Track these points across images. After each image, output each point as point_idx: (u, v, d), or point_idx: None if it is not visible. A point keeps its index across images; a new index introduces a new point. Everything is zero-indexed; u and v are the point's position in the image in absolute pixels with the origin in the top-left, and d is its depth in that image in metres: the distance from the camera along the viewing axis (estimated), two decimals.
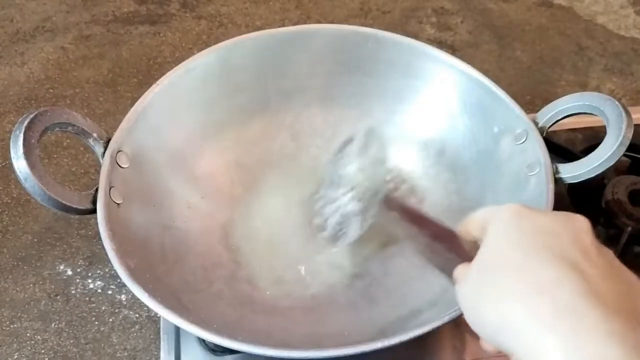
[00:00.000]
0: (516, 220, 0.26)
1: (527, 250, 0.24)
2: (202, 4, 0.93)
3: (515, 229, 0.26)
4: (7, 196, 0.66)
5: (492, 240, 0.26)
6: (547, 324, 0.22)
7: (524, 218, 0.26)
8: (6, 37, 0.87)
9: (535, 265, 0.24)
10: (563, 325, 0.21)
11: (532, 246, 0.25)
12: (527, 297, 0.23)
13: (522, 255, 0.24)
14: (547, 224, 0.25)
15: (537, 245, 0.25)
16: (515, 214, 0.26)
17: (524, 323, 0.22)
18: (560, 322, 0.22)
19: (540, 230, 0.25)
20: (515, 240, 0.25)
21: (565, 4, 0.94)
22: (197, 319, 0.34)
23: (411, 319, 0.40)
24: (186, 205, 0.48)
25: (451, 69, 0.50)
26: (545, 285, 0.23)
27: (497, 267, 0.25)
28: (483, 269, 0.26)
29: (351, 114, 0.55)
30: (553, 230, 0.25)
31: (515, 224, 0.26)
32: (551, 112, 0.45)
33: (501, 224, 0.26)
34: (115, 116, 0.75)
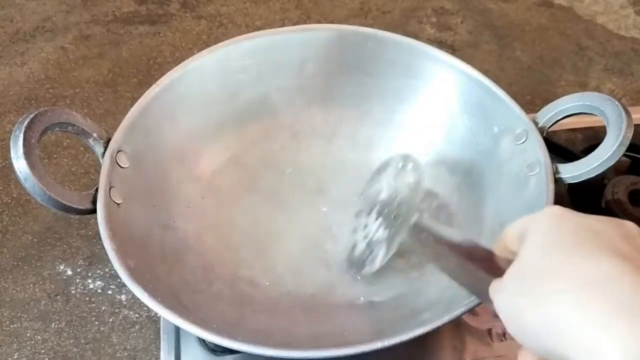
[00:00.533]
0: (557, 221, 0.24)
1: (571, 248, 0.23)
2: (202, 4, 0.93)
3: (556, 229, 0.24)
4: (7, 196, 0.66)
5: (530, 245, 0.24)
6: (602, 321, 0.20)
7: (566, 219, 0.24)
8: (6, 37, 0.87)
9: (581, 261, 0.22)
10: (621, 321, 0.19)
11: (576, 244, 0.23)
12: (574, 295, 0.21)
13: (564, 254, 0.23)
14: (593, 224, 0.24)
15: (581, 243, 0.23)
16: (556, 216, 0.25)
17: (574, 323, 0.20)
18: (618, 319, 0.20)
19: (585, 229, 0.23)
20: (557, 240, 0.23)
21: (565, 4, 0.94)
22: (197, 319, 0.34)
23: (411, 319, 0.40)
24: (186, 205, 0.48)
25: (451, 69, 0.50)
26: (595, 280, 0.21)
27: (537, 269, 0.23)
28: (521, 274, 0.24)
29: (351, 114, 0.55)
30: (599, 229, 0.23)
31: (556, 224, 0.24)
32: (551, 112, 0.45)
33: (540, 227, 0.25)
34: (115, 116, 0.75)
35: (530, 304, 0.23)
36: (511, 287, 0.24)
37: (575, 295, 0.21)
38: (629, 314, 0.20)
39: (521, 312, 0.23)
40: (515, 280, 0.24)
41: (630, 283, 0.20)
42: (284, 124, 0.55)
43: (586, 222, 0.24)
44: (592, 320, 0.20)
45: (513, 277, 0.25)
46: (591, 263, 0.21)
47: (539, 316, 0.22)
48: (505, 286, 0.25)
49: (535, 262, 0.24)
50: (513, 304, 0.24)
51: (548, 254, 0.23)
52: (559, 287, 0.22)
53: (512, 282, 0.24)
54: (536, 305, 0.22)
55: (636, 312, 0.20)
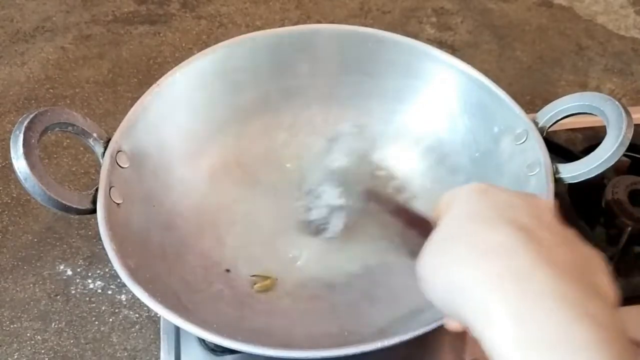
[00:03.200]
0: (477, 195, 0.26)
1: (482, 219, 0.24)
2: (202, 4, 0.93)
3: (475, 202, 0.26)
4: (7, 196, 0.66)
5: (450, 214, 0.26)
6: (493, 284, 0.22)
7: (486, 194, 0.26)
8: (6, 37, 0.87)
9: (485, 230, 0.24)
10: (510, 286, 0.21)
11: (487, 215, 0.25)
12: (473, 260, 0.23)
13: (475, 224, 0.25)
14: (509, 199, 0.26)
15: (491, 215, 0.24)
16: (478, 190, 0.27)
17: (470, 285, 0.22)
18: (508, 283, 0.21)
19: (499, 203, 0.25)
20: (473, 211, 0.25)
21: (565, 4, 0.94)
22: (197, 319, 0.34)
23: (411, 319, 0.40)
24: (186, 206, 0.48)
25: (451, 69, 0.50)
26: (494, 247, 0.23)
27: (449, 236, 0.25)
28: (438, 240, 0.26)
29: (351, 114, 0.55)
30: (513, 203, 0.25)
31: (475, 198, 0.26)
32: (551, 112, 0.45)
33: (462, 199, 0.27)
34: (115, 116, 0.75)
35: (439, 266, 0.25)
36: (428, 250, 0.27)
37: (475, 260, 0.23)
38: (515, 278, 0.21)
39: (432, 273, 0.25)
40: (432, 244, 0.26)
41: (521, 251, 0.22)
42: (284, 124, 0.55)
43: (503, 196, 0.26)
44: (483, 282, 0.22)
45: (431, 241, 0.27)
46: (492, 232, 0.23)
47: (444, 277, 0.24)
48: (423, 251, 0.27)
49: (449, 230, 0.26)
50: (427, 266, 0.26)
51: (460, 223, 0.25)
52: (462, 252, 0.24)
53: (429, 246, 0.27)
54: (443, 268, 0.24)
55: (521, 277, 0.21)
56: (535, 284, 0.21)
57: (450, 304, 0.24)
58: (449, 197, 0.29)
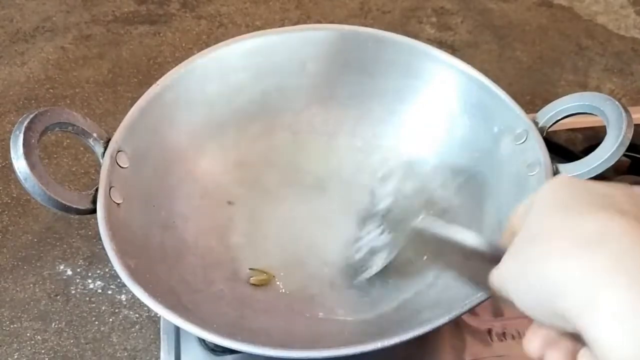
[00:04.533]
0: (560, 186, 0.24)
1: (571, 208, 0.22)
2: (202, 4, 0.93)
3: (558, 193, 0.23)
4: (7, 196, 0.66)
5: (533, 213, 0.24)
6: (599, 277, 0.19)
7: (572, 184, 0.24)
8: (6, 37, 0.87)
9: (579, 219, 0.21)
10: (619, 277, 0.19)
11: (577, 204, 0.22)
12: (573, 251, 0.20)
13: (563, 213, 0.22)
14: (597, 188, 0.23)
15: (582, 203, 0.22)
16: (563, 182, 0.24)
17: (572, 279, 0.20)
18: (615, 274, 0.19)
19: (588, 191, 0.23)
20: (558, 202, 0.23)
21: (565, 4, 0.94)
22: (197, 319, 0.34)
23: (411, 319, 0.40)
24: (186, 205, 0.48)
25: (451, 69, 0.50)
26: (593, 236, 0.20)
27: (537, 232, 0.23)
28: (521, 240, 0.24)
29: (351, 113, 0.55)
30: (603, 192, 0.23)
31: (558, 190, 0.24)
32: (551, 112, 0.45)
33: (545, 194, 0.24)
34: (115, 116, 0.75)
35: (530, 264, 0.22)
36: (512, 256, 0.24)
37: (572, 251, 0.21)
38: (624, 270, 0.19)
39: (520, 274, 0.23)
40: (515, 247, 0.24)
41: (627, 238, 0.20)
42: (284, 124, 0.55)
43: (591, 185, 0.24)
44: (587, 276, 0.20)
45: (513, 247, 0.24)
46: (589, 219, 0.21)
47: (538, 274, 0.22)
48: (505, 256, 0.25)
49: (537, 226, 0.23)
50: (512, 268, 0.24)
51: (548, 215, 0.23)
52: (557, 244, 0.21)
53: (511, 252, 0.24)
54: (535, 264, 0.22)
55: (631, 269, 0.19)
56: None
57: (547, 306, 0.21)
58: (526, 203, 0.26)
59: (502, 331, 0.45)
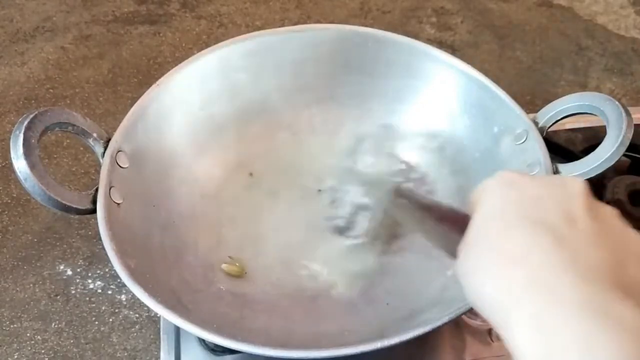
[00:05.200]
0: (504, 189, 0.25)
1: (508, 220, 0.23)
2: (202, 4, 0.93)
3: (502, 198, 0.25)
4: (7, 196, 0.66)
5: (479, 213, 0.25)
6: (515, 296, 0.21)
7: (513, 186, 0.25)
8: (6, 37, 0.87)
9: (511, 234, 0.23)
10: (532, 297, 0.20)
11: (513, 215, 0.24)
12: (498, 269, 0.22)
13: (502, 225, 0.24)
14: (535, 191, 0.24)
15: (518, 214, 0.23)
16: (505, 182, 0.26)
17: (495, 296, 0.22)
18: (530, 294, 0.20)
19: (526, 197, 0.24)
20: (500, 210, 0.24)
21: (565, 4, 0.94)
22: (197, 319, 0.34)
23: (411, 319, 0.40)
24: (186, 205, 0.48)
25: (451, 69, 0.50)
26: (517, 254, 0.22)
27: (478, 240, 0.24)
28: (468, 243, 0.25)
29: (351, 114, 0.55)
30: (539, 196, 0.24)
31: (503, 193, 0.25)
32: (551, 112, 0.45)
33: (489, 194, 0.26)
34: (115, 116, 0.75)
35: (469, 272, 0.24)
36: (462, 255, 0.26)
37: (500, 268, 0.22)
38: (538, 288, 0.21)
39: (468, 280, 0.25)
40: (464, 246, 0.26)
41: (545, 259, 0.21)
42: (284, 124, 0.54)
43: (530, 189, 0.25)
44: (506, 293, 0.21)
45: (464, 245, 0.26)
46: (516, 237, 0.23)
47: (474, 285, 0.24)
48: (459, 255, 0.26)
49: (477, 231, 0.25)
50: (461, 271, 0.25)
51: (486, 225, 0.25)
52: (487, 259, 0.23)
53: (463, 248, 0.26)
54: (472, 274, 0.24)
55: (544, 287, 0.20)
56: (558, 293, 0.20)
57: (484, 310, 0.23)
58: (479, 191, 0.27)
59: None
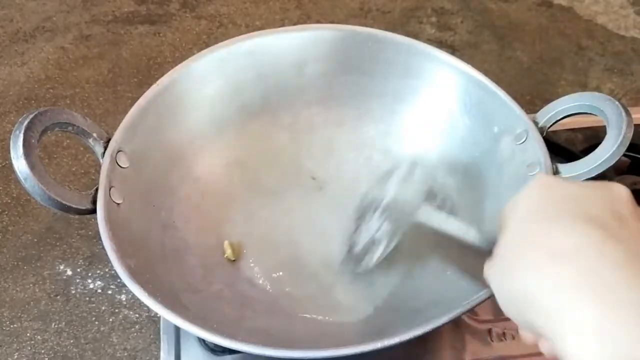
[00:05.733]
0: (542, 190, 0.24)
1: (551, 217, 0.22)
2: (202, 4, 0.93)
3: (538, 198, 0.24)
4: (7, 196, 0.66)
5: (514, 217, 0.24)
6: (569, 292, 0.19)
7: (552, 188, 0.24)
8: (6, 37, 0.87)
9: (557, 230, 0.22)
10: (588, 294, 0.19)
11: (554, 212, 0.22)
12: (546, 265, 0.21)
13: (544, 223, 0.22)
14: (578, 192, 0.23)
15: (560, 211, 0.22)
16: (543, 185, 0.24)
17: (544, 293, 0.20)
18: (585, 291, 0.19)
19: (568, 197, 0.23)
20: (540, 209, 0.23)
21: (565, 4, 0.94)
22: (197, 319, 0.34)
23: (411, 319, 0.40)
24: (186, 205, 0.48)
25: (451, 69, 0.50)
26: (567, 249, 0.21)
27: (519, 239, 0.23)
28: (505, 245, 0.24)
29: (351, 114, 0.55)
30: (584, 196, 0.23)
31: (541, 194, 0.24)
32: (551, 112, 0.45)
33: (526, 197, 0.24)
34: (115, 116, 0.75)
35: (509, 273, 0.23)
36: (497, 259, 0.25)
37: (546, 264, 0.21)
38: (593, 285, 0.19)
39: (502, 281, 0.23)
40: (500, 251, 0.25)
41: (597, 255, 0.20)
42: (284, 124, 0.55)
43: (571, 189, 0.24)
44: (557, 290, 0.20)
45: (499, 249, 0.25)
46: (564, 232, 0.21)
47: (515, 285, 0.22)
48: (492, 259, 0.25)
49: (517, 232, 0.24)
50: (496, 274, 0.24)
51: (527, 223, 0.23)
52: (533, 256, 0.22)
53: (498, 254, 0.25)
54: (513, 274, 0.22)
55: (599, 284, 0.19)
56: (615, 291, 0.19)
57: (523, 313, 0.22)
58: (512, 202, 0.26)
59: (502, 331, 0.46)
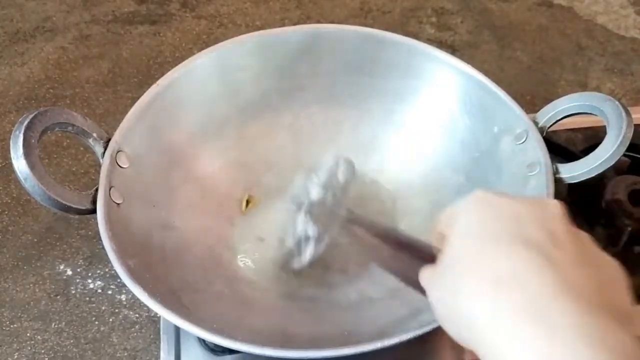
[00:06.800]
0: (480, 208, 0.24)
1: (486, 239, 0.22)
2: (202, 4, 0.93)
3: (478, 217, 0.24)
4: (7, 196, 0.66)
5: (455, 233, 0.24)
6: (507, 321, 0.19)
7: (489, 205, 0.24)
8: (6, 37, 0.87)
9: (493, 253, 0.21)
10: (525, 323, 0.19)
11: (492, 234, 0.22)
12: (483, 292, 0.20)
13: (480, 245, 0.22)
14: (513, 210, 0.23)
15: (497, 233, 0.22)
16: (480, 202, 0.24)
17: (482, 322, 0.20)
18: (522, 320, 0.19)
19: (504, 216, 0.23)
20: (477, 229, 0.23)
21: (565, 4, 0.94)
22: (197, 319, 0.34)
23: (411, 319, 0.40)
24: (186, 205, 0.48)
25: (451, 69, 0.50)
26: (504, 275, 0.20)
27: (456, 261, 0.23)
28: (446, 265, 0.24)
29: (351, 114, 0.55)
30: (518, 215, 0.23)
31: (479, 212, 0.24)
32: (551, 112, 0.45)
33: (464, 215, 0.24)
34: (115, 116, 0.75)
35: (449, 296, 0.22)
36: (438, 278, 0.24)
37: (483, 291, 0.20)
38: (531, 313, 0.19)
39: (442, 306, 0.23)
40: (441, 270, 0.24)
41: (535, 280, 0.20)
42: (284, 124, 0.55)
43: (508, 207, 0.23)
44: (495, 318, 0.20)
45: (439, 265, 0.25)
46: (501, 256, 0.21)
47: (456, 309, 0.22)
48: (433, 277, 0.25)
49: (456, 253, 0.23)
50: (440, 291, 0.24)
51: (465, 244, 0.23)
52: (470, 282, 0.21)
53: (438, 272, 0.24)
54: (453, 298, 0.22)
55: (538, 311, 0.19)
56: (553, 318, 0.18)
57: (461, 332, 0.22)
58: (450, 213, 0.26)
59: None
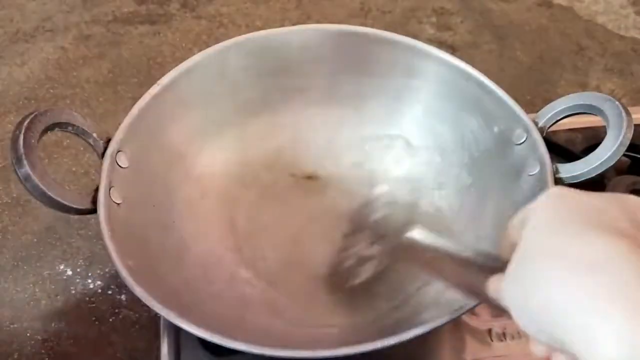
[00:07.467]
0: (555, 201, 0.24)
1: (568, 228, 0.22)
2: (202, 4, 0.93)
3: (554, 209, 0.23)
4: (7, 196, 0.66)
5: (529, 229, 0.24)
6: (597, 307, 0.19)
7: (565, 199, 0.23)
8: (6, 37, 0.87)
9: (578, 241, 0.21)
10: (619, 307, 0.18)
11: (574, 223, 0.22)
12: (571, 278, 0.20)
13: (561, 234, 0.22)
14: (593, 203, 0.23)
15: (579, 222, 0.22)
16: (555, 196, 0.24)
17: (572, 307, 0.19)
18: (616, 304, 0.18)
19: (585, 207, 0.22)
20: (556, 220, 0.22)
21: (565, 4, 0.94)
22: (197, 319, 0.34)
23: (411, 319, 0.40)
24: (186, 205, 0.48)
25: (451, 69, 0.50)
26: (592, 261, 0.20)
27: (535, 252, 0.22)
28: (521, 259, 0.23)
29: (351, 114, 0.55)
30: (601, 207, 0.22)
31: (556, 205, 0.23)
32: (551, 112, 0.45)
33: (541, 209, 0.24)
34: (115, 116, 0.74)
35: (531, 289, 0.22)
36: (513, 273, 0.24)
37: (572, 278, 0.20)
38: (625, 299, 0.18)
39: (523, 297, 0.22)
40: (516, 265, 0.24)
41: (627, 265, 0.19)
42: (284, 124, 0.55)
43: (587, 200, 0.23)
44: (587, 306, 0.19)
45: (514, 263, 0.24)
46: (588, 243, 0.21)
47: (539, 300, 0.21)
48: (507, 274, 0.24)
49: (534, 245, 0.23)
50: (516, 290, 0.23)
51: (546, 235, 0.23)
52: (556, 269, 0.21)
53: (513, 268, 0.24)
54: (536, 289, 0.21)
55: (632, 298, 0.18)
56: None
57: (546, 328, 0.21)
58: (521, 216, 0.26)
59: (502, 331, 0.46)
